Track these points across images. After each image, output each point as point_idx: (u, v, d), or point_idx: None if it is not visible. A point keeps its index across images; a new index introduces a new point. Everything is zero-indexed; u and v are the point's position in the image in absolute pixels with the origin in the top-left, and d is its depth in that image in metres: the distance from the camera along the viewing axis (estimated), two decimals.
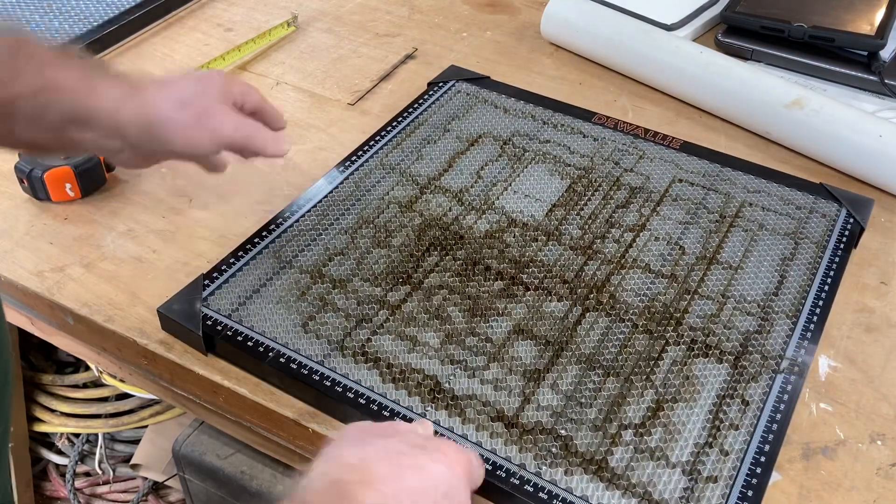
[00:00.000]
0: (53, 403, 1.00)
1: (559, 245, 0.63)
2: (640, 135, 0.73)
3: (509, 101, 0.77)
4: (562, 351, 0.55)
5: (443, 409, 0.51)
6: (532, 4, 0.97)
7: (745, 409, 0.52)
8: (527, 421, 0.51)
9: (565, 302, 0.58)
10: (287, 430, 0.55)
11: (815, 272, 0.61)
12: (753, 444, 0.50)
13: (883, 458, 0.51)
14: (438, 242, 0.63)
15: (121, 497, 1.07)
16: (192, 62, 0.86)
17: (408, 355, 0.54)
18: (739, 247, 0.63)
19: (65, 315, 0.62)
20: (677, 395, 0.52)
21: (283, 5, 0.96)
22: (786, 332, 0.56)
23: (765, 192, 0.68)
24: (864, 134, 0.69)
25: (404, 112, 0.76)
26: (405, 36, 0.91)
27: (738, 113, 0.77)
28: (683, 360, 0.55)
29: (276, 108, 0.60)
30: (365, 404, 0.51)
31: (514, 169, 0.70)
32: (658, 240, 0.63)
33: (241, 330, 0.56)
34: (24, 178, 0.68)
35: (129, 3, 0.92)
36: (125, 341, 0.59)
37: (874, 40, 0.79)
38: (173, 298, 0.58)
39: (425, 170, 0.69)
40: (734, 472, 0.48)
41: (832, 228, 0.64)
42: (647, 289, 0.59)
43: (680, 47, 0.79)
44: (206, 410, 0.60)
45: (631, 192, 0.68)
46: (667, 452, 0.49)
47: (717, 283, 0.60)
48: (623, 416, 0.51)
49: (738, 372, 0.54)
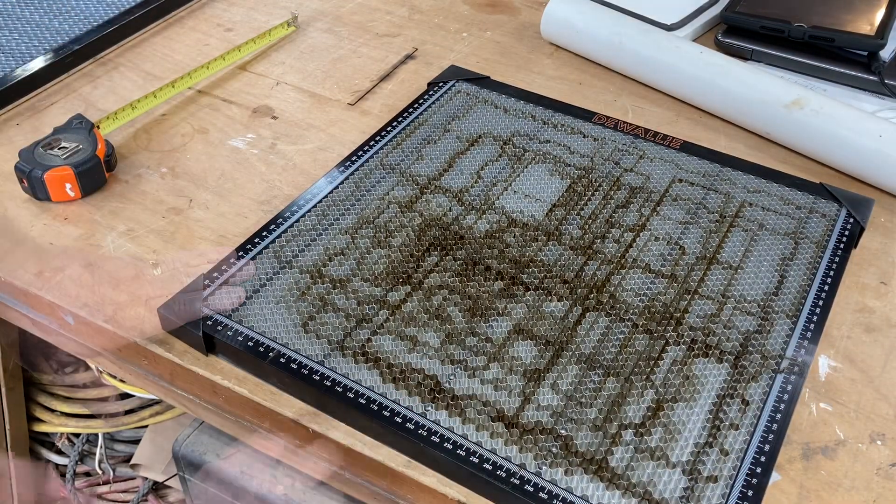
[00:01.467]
0: (53, 403, 1.00)
1: (559, 245, 0.63)
2: (640, 135, 0.73)
3: (509, 101, 0.77)
4: (562, 351, 0.55)
5: (443, 409, 0.51)
6: (532, 4, 0.97)
7: (746, 409, 0.52)
8: (527, 421, 0.51)
9: (565, 302, 0.58)
10: (287, 430, 0.55)
11: (815, 272, 0.61)
12: (754, 443, 0.50)
13: (883, 458, 0.51)
14: (438, 242, 0.63)
15: (121, 497, 1.07)
16: (192, 62, 0.86)
17: (408, 355, 0.54)
18: (739, 247, 0.63)
19: (65, 315, 0.62)
20: (677, 394, 0.52)
21: (283, 5, 0.96)
22: (786, 331, 0.56)
23: (765, 191, 0.68)
24: (864, 134, 0.69)
25: (404, 112, 0.76)
26: (405, 36, 0.91)
27: (738, 113, 0.77)
28: (683, 359, 0.55)
29: None
30: (365, 404, 0.51)
31: (514, 169, 0.70)
32: (658, 240, 0.63)
33: (241, 330, 0.56)
34: (24, 178, 0.68)
35: (129, 3, 0.92)
36: (125, 341, 0.59)
37: (874, 40, 0.79)
38: (173, 299, 0.58)
39: (425, 170, 0.69)
40: (734, 471, 0.48)
41: (832, 228, 0.64)
42: (647, 289, 0.59)
43: (680, 47, 0.80)
44: (206, 410, 0.60)
45: (631, 191, 0.68)
46: (667, 452, 0.49)
47: (717, 282, 0.60)
48: (623, 416, 0.51)
49: (738, 372, 0.54)
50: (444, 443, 0.49)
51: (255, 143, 0.76)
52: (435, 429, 0.50)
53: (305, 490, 0.63)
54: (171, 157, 0.75)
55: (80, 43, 0.86)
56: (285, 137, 0.77)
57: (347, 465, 0.54)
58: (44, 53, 0.86)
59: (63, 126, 0.72)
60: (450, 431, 0.50)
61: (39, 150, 0.69)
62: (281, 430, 0.55)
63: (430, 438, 0.50)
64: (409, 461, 0.50)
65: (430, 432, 0.50)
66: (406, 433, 0.50)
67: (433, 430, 0.50)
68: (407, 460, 0.50)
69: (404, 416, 0.51)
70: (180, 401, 0.62)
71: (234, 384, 0.55)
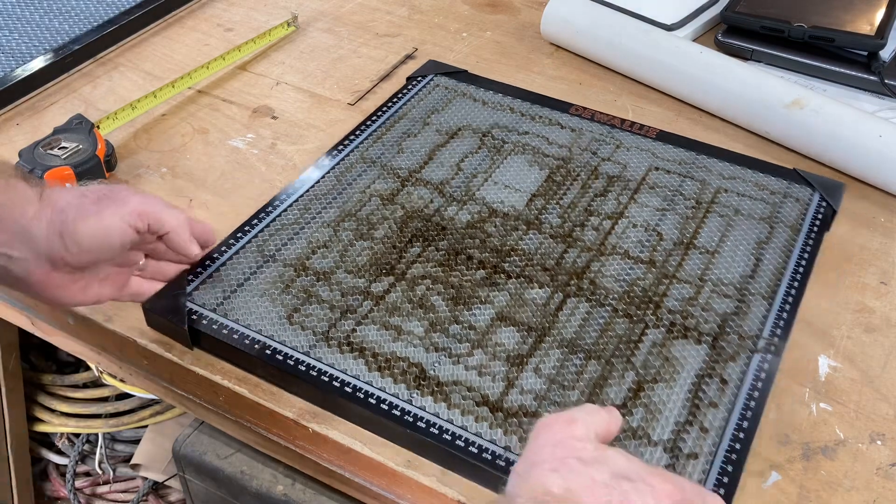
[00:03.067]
0: (53, 403, 1.00)
1: (539, 234, 0.64)
2: (616, 125, 0.74)
3: (488, 94, 0.78)
4: (544, 336, 0.56)
5: (428, 396, 0.52)
6: (532, 4, 0.97)
7: (724, 388, 0.53)
8: (511, 404, 0.52)
9: (546, 289, 0.59)
10: (287, 430, 0.55)
11: (789, 254, 0.62)
12: (732, 420, 0.51)
13: (883, 458, 0.51)
14: (421, 234, 0.63)
15: (121, 497, 1.06)
16: (192, 62, 0.86)
17: (392, 344, 0.55)
18: (716, 232, 0.64)
19: (65, 315, 0.62)
20: (657, 375, 0.53)
21: (283, 5, 0.96)
22: (762, 312, 0.58)
23: (740, 178, 0.69)
24: (864, 134, 0.69)
25: (384, 107, 0.77)
26: (405, 36, 0.91)
27: (738, 113, 0.77)
28: (663, 341, 0.56)
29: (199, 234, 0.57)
30: (351, 392, 0.52)
31: (493, 160, 0.71)
32: (636, 227, 0.64)
33: (226, 323, 0.56)
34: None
35: (129, 3, 0.92)
36: (125, 341, 0.59)
37: (874, 40, 0.79)
38: (158, 294, 0.58)
39: (406, 163, 0.70)
40: (714, 448, 0.49)
41: (805, 212, 0.66)
42: (627, 274, 0.60)
43: (680, 47, 0.80)
44: (206, 410, 0.60)
45: (609, 180, 0.69)
46: (648, 431, 0.50)
47: (694, 267, 0.61)
48: (605, 398, 0.52)
49: (717, 352, 0.55)
50: (430, 427, 0.50)
51: (255, 143, 0.76)
52: (421, 414, 0.51)
53: (305, 490, 0.63)
54: (171, 157, 0.75)
55: (80, 43, 0.86)
56: (285, 137, 0.77)
57: (347, 465, 0.54)
58: (44, 53, 0.86)
59: (63, 126, 0.72)
60: (435, 417, 0.51)
61: (39, 150, 0.69)
62: (281, 430, 0.56)
63: (415, 424, 0.50)
64: (408, 461, 0.51)
65: (416, 418, 0.51)
66: (392, 420, 0.51)
67: (419, 415, 0.51)
68: (406, 460, 0.51)
69: (390, 402, 0.51)
70: (180, 401, 0.62)
71: (234, 384, 0.55)
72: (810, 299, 0.60)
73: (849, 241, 0.66)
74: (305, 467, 0.58)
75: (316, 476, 0.58)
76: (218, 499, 0.67)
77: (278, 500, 0.63)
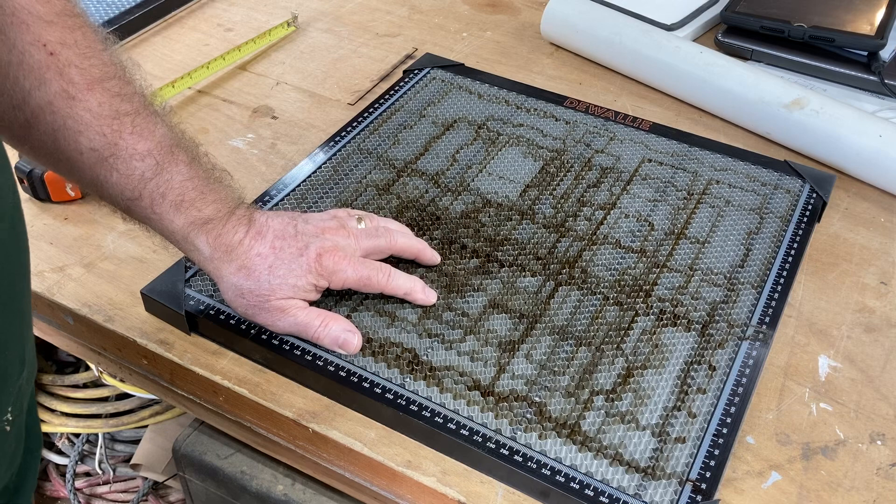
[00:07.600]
0: (53, 403, 1.00)
1: (533, 224, 0.64)
2: (610, 117, 0.75)
3: (483, 87, 0.79)
4: (535, 323, 0.57)
5: (421, 380, 0.53)
6: (532, 4, 0.97)
7: (712, 374, 0.54)
8: (502, 389, 0.52)
9: (539, 277, 0.60)
10: (287, 430, 0.56)
11: (779, 245, 0.63)
12: (720, 406, 0.52)
13: (883, 458, 0.51)
14: (416, 223, 0.64)
15: (121, 497, 1.06)
16: (192, 62, 0.86)
17: (386, 330, 0.56)
18: (707, 222, 0.65)
19: (65, 315, 0.63)
20: (647, 362, 0.54)
21: (283, 5, 0.97)
22: (751, 301, 0.58)
23: (731, 169, 0.70)
24: (864, 134, 0.70)
25: (380, 99, 0.78)
26: (405, 36, 0.92)
27: (738, 113, 0.77)
28: (653, 329, 0.56)
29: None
30: (346, 377, 0.53)
31: (488, 152, 0.71)
32: (628, 217, 0.65)
33: (223, 309, 0.57)
34: (24, 178, 0.68)
35: (129, 3, 0.92)
36: (125, 341, 0.60)
37: (874, 40, 0.79)
38: (156, 280, 0.59)
39: (402, 154, 0.71)
40: (702, 433, 0.50)
41: (796, 203, 0.67)
42: (618, 263, 0.61)
43: (680, 47, 0.80)
44: (206, 410, 0.61)
45: (602, 172, 0.70)
46: (637, 416, 0.51)
47: (685, 256, 0.62)
48: (594, 383, 0.53)
49: (706, 339, 0.56)
50: (422, 411, 0.51)
51: (254, 143, 0.77)
52: (413, 398, 0.52)
53: (305, 490, 0.63)
54: None
55: None
56: (285, 137, 0.77)
57: (347, 465, 0.54)
58: None
59: None
60: (427, 400, 0.52)
61: None
62: (281, 430, 0.56)
63: (408, 407, 0.51)
64: (408, 461, 0.51)
65: (408, 401, 0.51)
66: (385, 402, 0.51)
67: (411, 399, 0.52)
68: (407, 460, 0.51)
69: (384, 387, 0.52)
70: (180, 401, 0.62)
71: (234, 384, 0.56)
72: (810, 299, 0.61)
73: (849, 241, 0.66)
74: (305, 467, 0.58)
75: (316, 476, 0.58)
76: (218, 499, 0.68)
77: (278, 500, 0.63)
